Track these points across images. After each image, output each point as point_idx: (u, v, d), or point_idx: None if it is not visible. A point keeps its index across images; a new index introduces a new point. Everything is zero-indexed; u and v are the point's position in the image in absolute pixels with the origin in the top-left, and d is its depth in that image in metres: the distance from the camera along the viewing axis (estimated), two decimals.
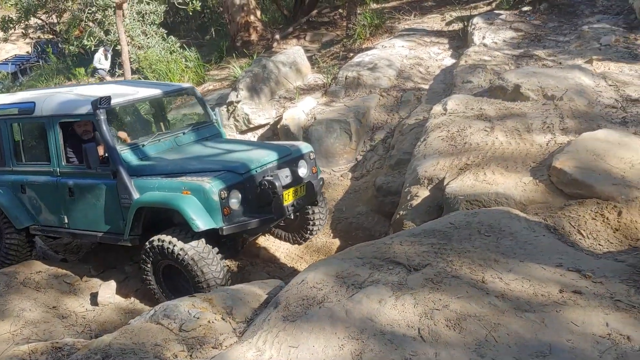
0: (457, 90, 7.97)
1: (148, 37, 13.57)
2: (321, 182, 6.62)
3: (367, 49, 11.89)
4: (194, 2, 13.70)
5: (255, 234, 6.57)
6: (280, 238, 7.23)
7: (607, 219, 4.44)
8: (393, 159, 7.51)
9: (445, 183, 5.53)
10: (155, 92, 6.86)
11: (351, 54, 12.26)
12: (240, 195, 5.66)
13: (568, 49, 8.49)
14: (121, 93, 6.52)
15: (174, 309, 3.92)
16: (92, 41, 13.32)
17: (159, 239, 5.67)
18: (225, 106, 9.69)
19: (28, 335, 5.26)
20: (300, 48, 11.45)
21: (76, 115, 6.26)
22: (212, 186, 5.47)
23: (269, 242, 7.27)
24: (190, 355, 3.47)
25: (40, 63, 21.11)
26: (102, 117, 5.93)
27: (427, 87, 9.18)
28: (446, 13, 13.44)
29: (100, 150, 6.10)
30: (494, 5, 12.73)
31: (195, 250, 5.53)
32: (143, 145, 6.26)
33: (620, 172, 4.74)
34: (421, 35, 11.86)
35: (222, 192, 5.48)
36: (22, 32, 16.99)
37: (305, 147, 6.62)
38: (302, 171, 6.31)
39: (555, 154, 5.17)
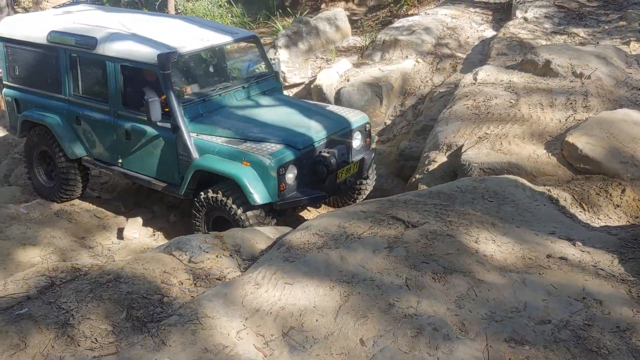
0: (491, 61, 8.00)
1: None
2: (373, 155, 6.61)
3: (412, 15, 11.90)
4: None
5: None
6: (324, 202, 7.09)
7: (610, 195, 4.55)
8: (419, 124, 7.65)
9: (462, 150, 5.68)
10: (225, 39, 6.67)
11: (395, 20, 12.28)
12: (296, 170, 5.70)
13: (608, 29, 8.40)
14: (187, 37, 6.42)
15: (187, 242, 4.21)
16: None
17: (223, 194, 5.70)
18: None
19: (56, 261, 5.68)
20: (342, 10, 11.52)
21: (140, 63, 6.12)
22: (272, 162, 5.51)
23: None
24: (195, 284, 3.76)
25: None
26: (168, 71, 5.86)
27: (464, 56, 9.21)
28: None
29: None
30: None
31: (256, 220, 5.63)
32: (204, 100, 6.22)
33: (631, 152, 4.82)
34: (467, 5, 11.78)
35: (280, 169, 5.52)
36: None
37: (362, 118, 6.50)
38: (357, 143, 6.28)
39: (570, 129, 5.25)
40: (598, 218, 4.36)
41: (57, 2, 23.06)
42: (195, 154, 5.85)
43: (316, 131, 5.98)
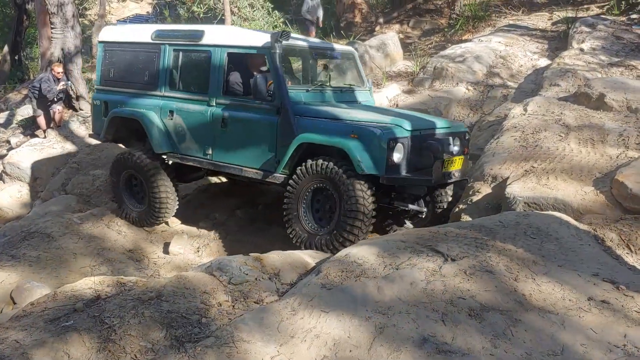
0: (543, 92, 7.90)
1: (254, 10, 14.10)
2: (470, 164, 6.52)
3: (466, 41, 11.87)
4: None
5: (406, 194, 6.24)
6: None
7: None
8: None
9: (507, 183, 5.62)
10: (325, 45, 7.08)
11: (449, 45, 12.26)
12: (403, 150, 5.60)
13: None
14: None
15: (227, 263, 4.30)
16: (201, 8, 14.01)
17: (330, 160, 5.62)
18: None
19: (104, 272, 5.86)
20: (394, 34, 11.59)
21: (251, 47, 6.32)
22: (382, 134, 5.46)
23: None
24: (233, 306, 3.84)
25: (157, 23, 22.18)
26: (279, 51, 6.02)
27: (516, 85, 9.13)
28: (555, 12, 13.15)
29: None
30: (605, 9, 12.33)
31: (361, 192, 5.48)
32: (307, 90, 6.34)
33: None
34: (522, 32, 11.69)
35: (390, 142, 5.45)
36: None
37: (461, 125, 6.53)
38: (456, 149, 6.17)
39: (621, 167, 5.14)
40: None
41: (121, 15, 23.91)
42: (298, 133, 5.85)
43: (424, 121, 6.00)
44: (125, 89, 7.33)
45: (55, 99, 10.99)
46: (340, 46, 7.50)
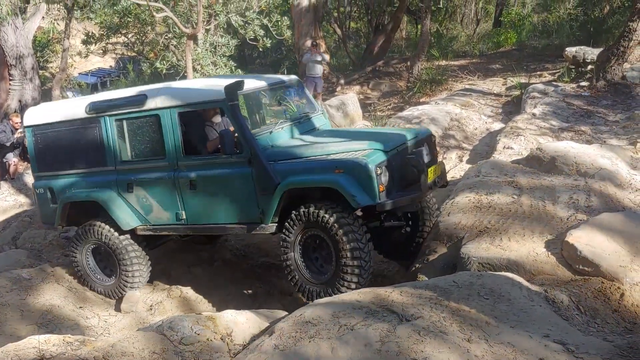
0: (497, 154, 8.12)
1: (217, 68, 14.23)
2: (443, 166, 6.44)
3: (423, 103, 12.19)
4: (264, 40, 14.33)
5: (397, 214, 6.16)
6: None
7: (609, 299, 4.51)
8: None
9: (462, 243, 5.70)
10: (273, 80, 6.81)
11: (407, 106, 12.58)
12: (388, 172, 5.50)
13: (615, 129, 8.53)
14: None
15: (179, 322, 4.21)
16: (164, 65, 14.10)
17: (321, 207, 5.48)
18: None
19: (51, 330, 5.65)
20: (354, 95, 11.84)
21: (202, 103, 6.07)
22: (369, 162, 5.33)
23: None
24: None
25: (120, 78, 22.22)
26: (236, 102, 5.77)
27: (470, 147, 9.36)
28: (509, 78, 13.65)
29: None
30: (556, 76, 12.88)
31: (352, 232, 5.35)
32: (271, 132, 6.10)
33: (630, 256, 4.81)
34: (478, 96, 12.07)
35: (377, 169, 5.33)
36: (102, 49, 18.06)
37: (427, 130, 6.41)
38: (430, 156, 6.11)
39: (571, 229, 5.27)
40: (595, 322, 4.31)
41: (83, 69, 23.86)
42: (278, 179, 5.66)
43: (395, 138, 5.91)
44: (69, 171, 6.79)
45: (14, 143, 10.88)
46: (284, 77, 7.38)
